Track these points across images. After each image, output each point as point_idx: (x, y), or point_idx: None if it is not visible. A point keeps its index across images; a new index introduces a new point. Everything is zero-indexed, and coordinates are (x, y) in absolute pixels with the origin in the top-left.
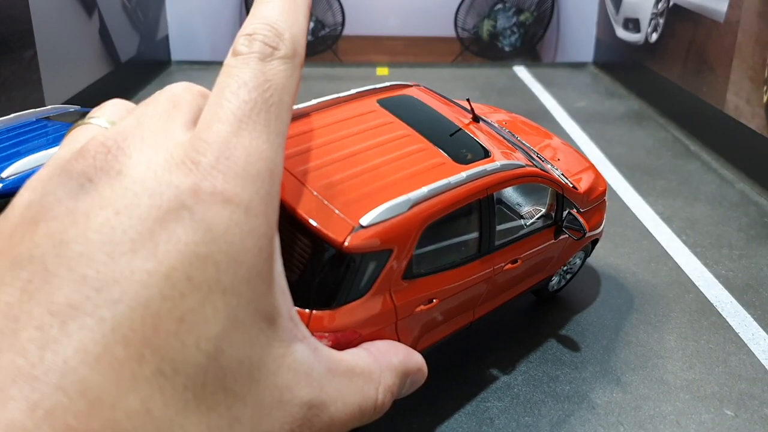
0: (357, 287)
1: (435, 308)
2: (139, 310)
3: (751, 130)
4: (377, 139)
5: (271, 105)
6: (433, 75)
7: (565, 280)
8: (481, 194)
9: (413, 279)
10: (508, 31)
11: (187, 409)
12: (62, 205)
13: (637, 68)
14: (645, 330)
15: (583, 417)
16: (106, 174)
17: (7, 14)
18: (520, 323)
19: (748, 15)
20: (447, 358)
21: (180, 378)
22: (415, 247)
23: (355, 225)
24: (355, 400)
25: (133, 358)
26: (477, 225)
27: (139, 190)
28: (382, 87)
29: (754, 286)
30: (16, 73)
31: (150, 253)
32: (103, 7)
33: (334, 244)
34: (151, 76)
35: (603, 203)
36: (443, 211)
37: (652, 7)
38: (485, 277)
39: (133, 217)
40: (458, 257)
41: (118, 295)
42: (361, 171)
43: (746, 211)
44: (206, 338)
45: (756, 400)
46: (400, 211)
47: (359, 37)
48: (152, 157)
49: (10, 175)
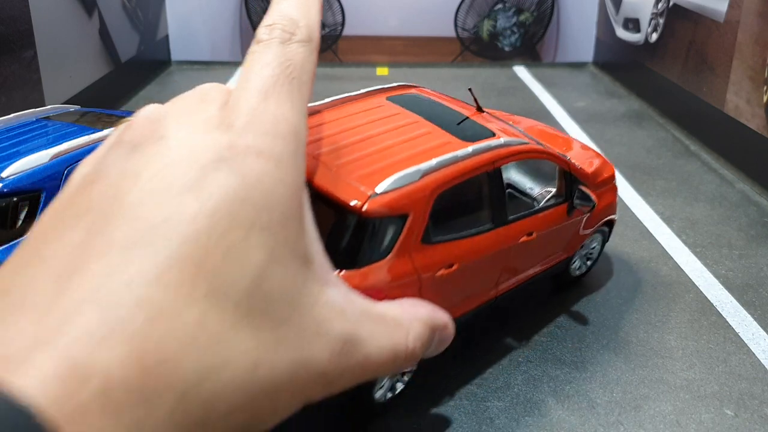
0: (379, 249)
1: (456, 275)
2: (189, 243)
3: (751, 130)
4: (388, 126)
5: (292, 79)
6: (433, 75)
7: (586, 265)
8: (488, 167)
9: (431, 244)
10: (508, 31)
11: (238, 325)
12: (114, 167)
13: (637, 68)
14: (645, 330)
15: (583, 417)
16: (152, 139)
17: (7, 14)
18: (520, 323)
19: (748, 15)
20: (447, 357)
21: (229, 300)
22: (429, 214)
23: (372, 192)
24: (387, 343)
25: (186, 281)
26: (487, 196)
27: (182, 148)
28: (390, 86)
29: (754, 286)
30: (16, 73)
31: (195, 197)
32: (103, 7)
33: (354, 210)
34: (151, 76)
35: (613, 187)
36: (452, 181)
37: (652, 7)
38: (502, 249)
39: (178, 170)
40: (472, 227)
41: (169, 231)
42: (374, 151)
43: (746, 211)
44: (249, 268)
45: (756, 400)
46: (412, 180)
47: (359, 37)
48: (191, 124)
49: (10, 175)
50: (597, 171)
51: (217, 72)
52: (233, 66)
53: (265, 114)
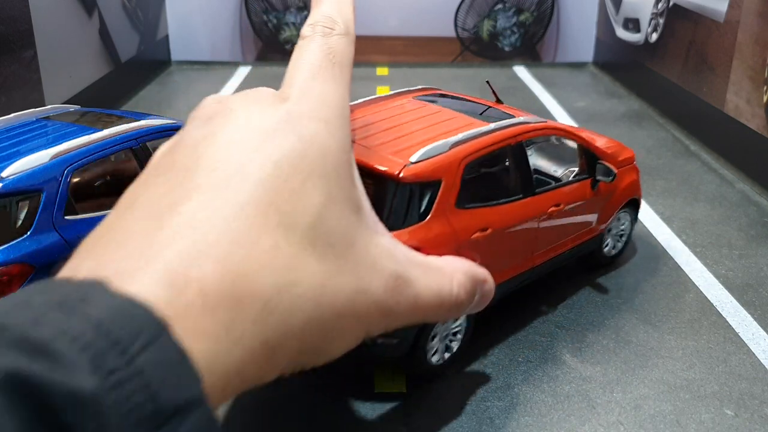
0: (418, 211)
1: (491, 239)
2: (262, 186)
3: (751, 130)
4: (417, 115)
5: (334, 64)
6: (433, 75)
7: (620, 243)
8: (510, 140)
9: (465, 209)
10: (508, 31)
11: (305, 252)
12: (191, 135)
13: (637, 68)
14: (645, 330)
15: (583, 417)
16: (222, 113)
17: (7, 14)
18: (520, 323)
19: (748, 15)
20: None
21: (297, 231)
22: (460, 181)
23: (407, 162)
24: (434, 286)
25: (261, 214)
26: (513, 168)
27: (249, 117)
28: (415, 89)
29: (754, 286)
30: (16, 73)
31: (262, 152)
32: (103, 7)
33: (393, 178)
34: (151, 76)
35: (635, 168)
36: (479, 152)
37: (652, 7)
38: (531, 217)
39: (247, 134)
40: (502, 196)
41: (244, 177)
42: (406, 133)
43: (746, 211)
44: (311, 206)
45: (756, 400)
46: (442, 150)
47: (359, 37)
48: (254, 101)
49: (11, 175)
50: (616, 152)
51: (217, 72)
52: (233, 66)
53: (314, 89)
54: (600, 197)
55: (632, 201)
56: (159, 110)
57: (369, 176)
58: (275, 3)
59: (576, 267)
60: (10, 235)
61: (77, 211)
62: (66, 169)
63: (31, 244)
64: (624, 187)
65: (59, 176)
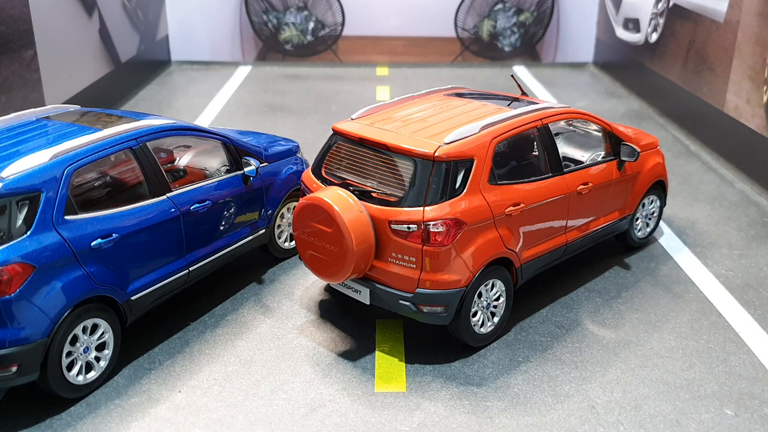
0: (454, 187)
1: (524, 214)
2: None
3: (751, 130)
4: (449, 106)
5: None
6: (433, 75)
7: (649, 227)
8: (536, 123)
9: (498, 185)
10: (508, 31)
11: None
12: None
13: (637, 68)
14: (645, 330)
15: (583, 417)
16: None
17: (7, 14)
18: (519, 322)
19: (748, 15)
20: (447, 357)
21: None
22: (492, 160)
23: (441, 144)
24: None
25: None
26: (541, 148)
27: None
28: (445, 88)
29: (754, 286)
30: (16, 73)
31: None
32: (103, 7)
33: (428, 158)
34: (151, 76)
35: (659, 152)
36: (507, 133)
37: (652, 7)
38: (561, 195)
39: None
40: (532, 173)
41: None
42: (439, 120)
43: (746, 211)
44: None
45: (756, 400)
46: (473, 132)
47: (359, 37)
48: None
49: (10, 175)
50: (638, 137)
51: (217, 72)
52: (233, 66)
53: None
54: (627, 178)
55: (659, 183)
56: (159, 110)
57: (407, 158)
58: (275, 3)
59: (576, 266)
60: (10, 234)
61: (77, 211)
62: (66, 169)
63: (31, 244)
64: (649, 169)
65: (59, 176)
